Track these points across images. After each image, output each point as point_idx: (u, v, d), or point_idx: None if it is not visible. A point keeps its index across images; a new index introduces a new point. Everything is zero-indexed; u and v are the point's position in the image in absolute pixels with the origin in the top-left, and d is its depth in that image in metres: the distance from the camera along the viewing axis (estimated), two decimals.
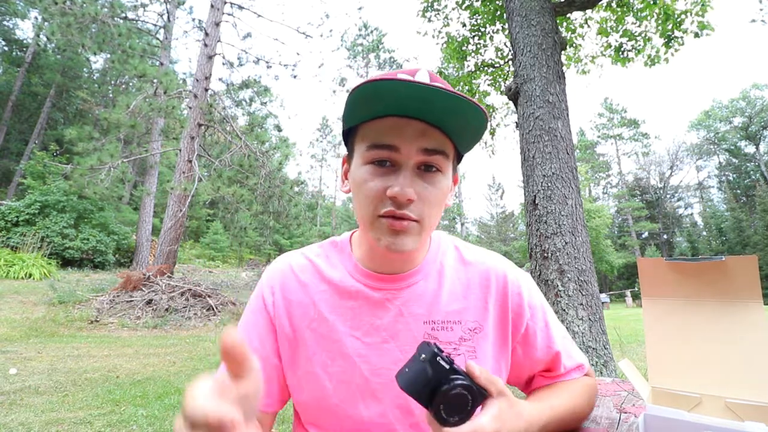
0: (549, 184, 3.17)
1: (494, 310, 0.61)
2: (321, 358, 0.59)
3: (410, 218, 0.52)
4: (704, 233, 36.01)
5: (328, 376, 0.58)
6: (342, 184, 0.61)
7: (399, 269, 0.61)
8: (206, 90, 10.67)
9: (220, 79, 12.86)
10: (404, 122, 0.51)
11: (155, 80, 9.97)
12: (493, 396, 0.45)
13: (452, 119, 0.51)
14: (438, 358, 0.43)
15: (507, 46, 6.19)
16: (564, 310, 2.89)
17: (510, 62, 6.11)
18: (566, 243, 3.01)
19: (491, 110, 6.91)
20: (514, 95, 3.65)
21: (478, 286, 0.62)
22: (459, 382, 0.43)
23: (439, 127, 0.52)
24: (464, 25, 6.31)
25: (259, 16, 12.52)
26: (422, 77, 0.53)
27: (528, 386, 0.69)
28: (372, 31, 30.43)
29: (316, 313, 0.60)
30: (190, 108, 10.47)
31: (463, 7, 6.22)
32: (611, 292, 26.67)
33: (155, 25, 14.23)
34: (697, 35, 5.01)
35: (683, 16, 4.94)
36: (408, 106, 0.50)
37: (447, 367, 0.43)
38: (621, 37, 5.65)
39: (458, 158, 0.60)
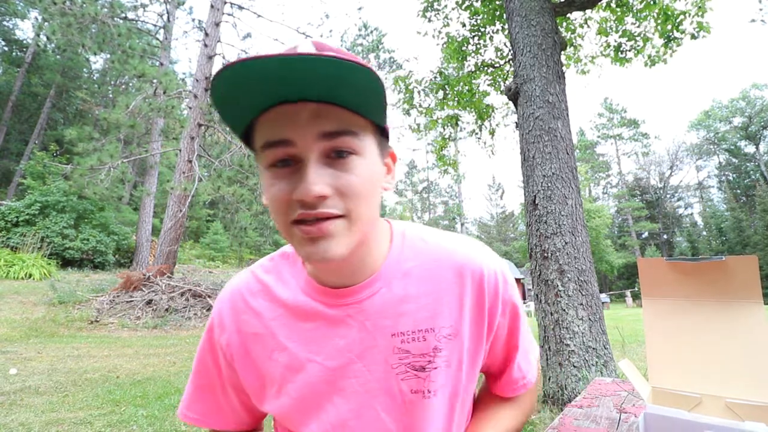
0: (549, 184, 3.17)
1: (470, 311, 0.55)
2: (287, 389, 0.55)
3: (331, 215, 0.43)
4: (704, 233, 36.01)
5: (296, 408, 0.55)
6: (264, 195, 0.52)
7: (355, 279, 0.53)
8: (206, 90, 10.67)
9: None
10: (291, 108, 0.42)
11: (155, 80, 9.97)
12: None
13: (339, 89, 0.41)
14: None
15: (507, 46, 6.20)
16: (564, 310, 2.89)
17: (510, 62, 6.11)
18: (566, 243, 3.01)
19: (491, 110, 6.91)
20: (514, 95, 3.66)
21: (451, 284, 0.55)
22: None
23: (335, 103, 0.43)
24: (464, 25, 6.32)
25: (259, 16, 12.53)
26: (305, 50, 0.44)
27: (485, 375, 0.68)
28: (372, 31, 30.37)
29: (275, 343, 0.55)
30: (190, 108, 10.48)
31: (463, 7, 6.23)
32: (611, 292, 26.69)
33: (155, 26, 14.24)
34: (693, 37, 5.02)
35: (681, 17, 4.95)
36: (282, 88, 0.41)
37: None
38: (620, 37, 5.65)
39: (382, 132, 0.50)
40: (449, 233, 0.61)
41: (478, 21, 6.11)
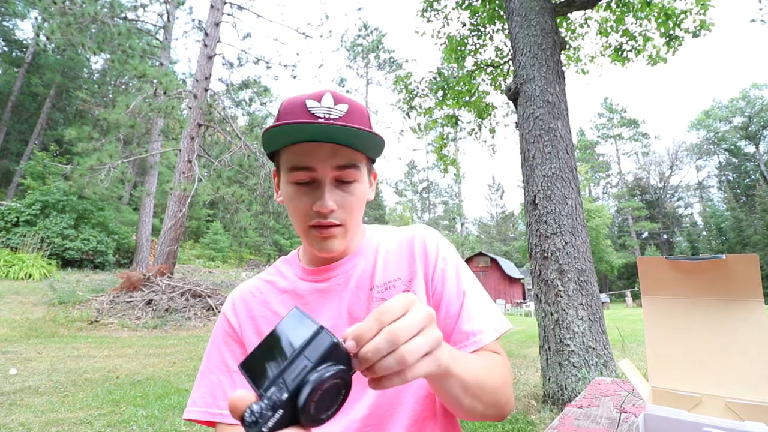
0: (549, 184, 3.17)
1: (420, 263, 0.70)
2: None
3: (335, 224, 0.62)
4: (704, 233, 36.02)
5: None
6: (276, 194, 0.71)
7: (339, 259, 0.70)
8: (206, 90, 10.67)
9: (219, 80, 12.88)
10: (317, 146, 0.59)
11: (155, 80, 9.97)
12: None
13: (355, 142, 0.60)
14: None
15: (507, 46, 6.19)
16: (564, 310, 2.89)
17: (510, 62, 6.11)
18: (566, 243, 3.01)
19: (491, 109, 6.91)
20: (514, 95, 3.65)
21: (406, 248, 0.72)
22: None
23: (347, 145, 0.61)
24: (464, 24, 6.31)
25: (259, 16, 12.52)
26: (327, 102, 0.62)
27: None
28: (372, 32, 30.42)
29: (278, 320, 0.61)
30: (189, 108, 10.47)
31: (463, 7, 6.22)
32: (611, 292, 26.69)
33: (155, 26, 14.23)
34: (695, 35, 5.01)
35: (683, 15, 4.95)
36: (314, 136, 0.59)
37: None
38: (621, 36, 5.65)
39: (372, 161, 0.69)
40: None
41: (478, 20, 6.11)
